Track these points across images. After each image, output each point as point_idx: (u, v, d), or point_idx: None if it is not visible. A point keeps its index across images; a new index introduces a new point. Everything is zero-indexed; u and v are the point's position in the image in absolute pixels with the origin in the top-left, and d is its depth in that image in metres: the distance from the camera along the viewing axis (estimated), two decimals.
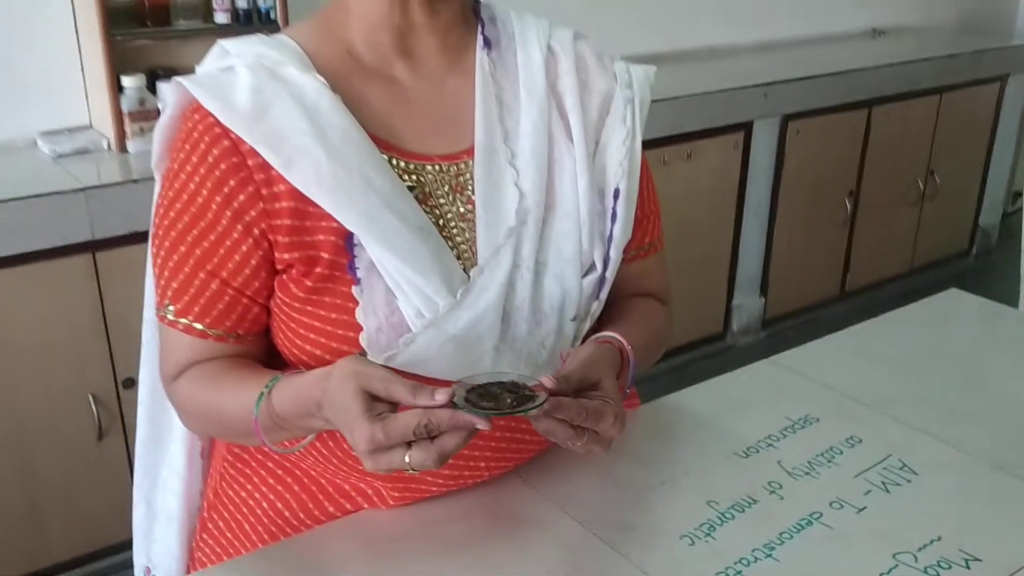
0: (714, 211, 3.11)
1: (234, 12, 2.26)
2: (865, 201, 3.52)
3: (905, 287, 3.69)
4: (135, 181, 2.04)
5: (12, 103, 2.24)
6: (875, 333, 1.35)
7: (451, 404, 0.76)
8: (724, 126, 2.99)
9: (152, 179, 2.07)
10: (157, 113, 2.19)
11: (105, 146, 2.22)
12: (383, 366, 0.83)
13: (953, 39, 4.01)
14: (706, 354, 3.23)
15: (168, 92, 0.93)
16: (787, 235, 3.32)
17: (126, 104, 2.17)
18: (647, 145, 2.89)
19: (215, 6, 2.25)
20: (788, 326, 3.44)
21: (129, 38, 2.17)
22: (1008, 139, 4.02)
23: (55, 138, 2.23)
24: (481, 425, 0.76)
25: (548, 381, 0.80)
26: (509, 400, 0.77)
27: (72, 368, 2.05)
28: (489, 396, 0.77)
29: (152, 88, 2.20)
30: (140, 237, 2.00)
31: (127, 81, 2.15)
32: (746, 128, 3.05)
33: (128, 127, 2.18)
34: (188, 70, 2.44)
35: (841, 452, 1.05)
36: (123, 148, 2.19)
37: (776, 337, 3.35)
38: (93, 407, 2.08)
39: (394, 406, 0.78)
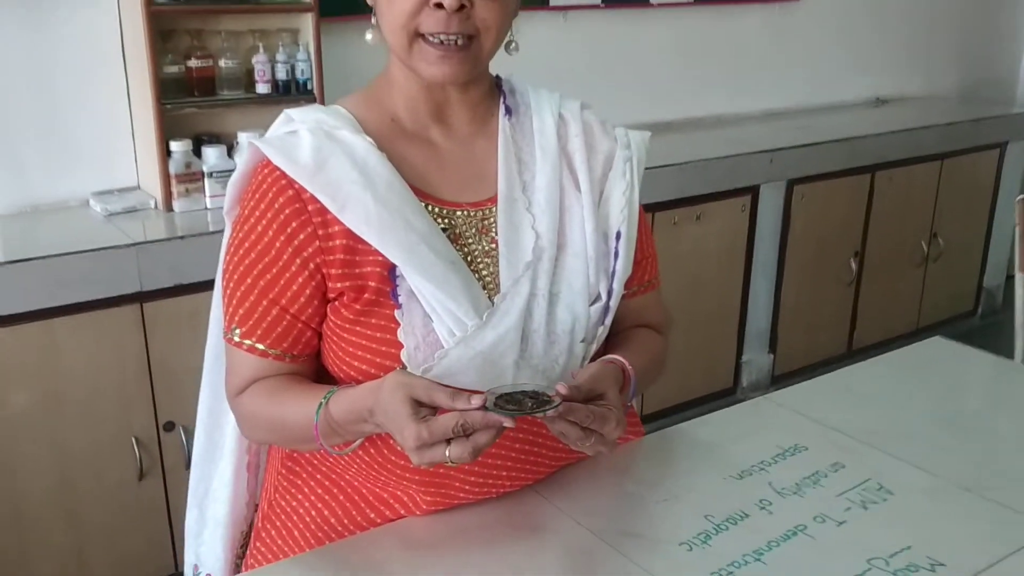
0: (723, 270, 3.25)
1: (274, 83, 2.44)
2: (870, 262, 3.65)
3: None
4: (181, 238, 2.20)
5: (68, 166, 2.42)
6: (862, 374, 1.48)
7: (483, 407, 0.90)
8: (731, 189, 3.14)
9: (196, 235, 2.24)
10: (201, 175, 2.36)
11: (152, 205, 2.39)
12: (424, 377, 0.97)
13: (954, 107, 4.18)
14: (716, 408, 3.32)
15: (243, 151, 1.09)
16: (795, 294, 3.45)
17: (173, 167, 2.34)
18: (658, 207, 3.05)
19: (257, 78, 2.43)
20: (797, 382, 3.53)
21: (178, 107, 2.35)
22: (1010, 203, 4.15)
23: (106, 198, 2.40)
24: (507, 423, 0.90)
25: (562, 388, 0.95)
26: (530, 404, 0.92)
27: (117, 411, 2.18)
28: (513, 401, 0.92)
29: (197, 152, 2.38)
30: (185, 289, 2.16)
31: (175, 146, 2.33)
32: (753, 191, 3.21)
33: (175, 188, 2.34)
34: (231, 136, 2.63)
35: (826, 475, 1.17)
36: (169, 207, 2.36)
37: None
38: (135, 449, 2.21)
39: (435, 410, 0.93)
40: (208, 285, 1.68)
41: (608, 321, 1.13)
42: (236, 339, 1.09)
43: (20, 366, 2.04)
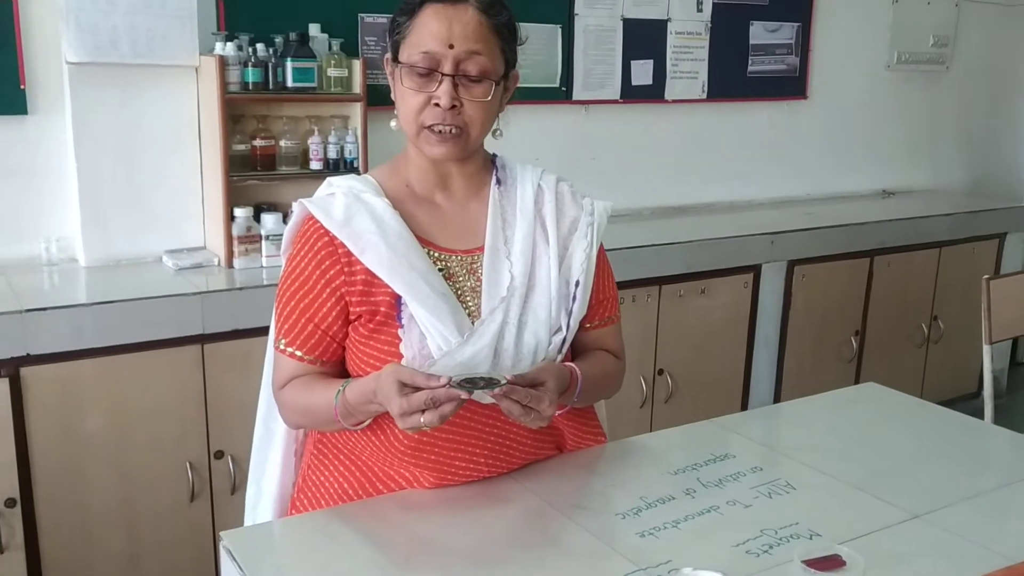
0: (727, 341, 3.52)
1: (326, 160, 2.83)
2: (871, 341, 3.89)
3: None
4: (239, 289, 2.56)
5: (146, 227, 2.80)
6: (799, 407, 1.76)
7: (448, 385, 1.21)
8: (734, 267, 3.44)
9: (252, 287, 2.60)
10: (259, 238, 2.73)
11: (216, 262, 2.75)
12: (408, 367, 1.28)
13: (957, 200, 4.45)
14: None
15: (295, 208, 1.44)
16: (796, 366, 3.70)
17: (236, 230, 2.71)
18: (665, 280, 3.41)
19: (311, 156, 2.82)
20: None
21: (242, 179, 2.74)
22: None
23: (177, 255, 2.78)
24: (463, 395, 1.21)
25: (509, 375, 1.26)
26: (481, 384, 1.23)
27: (175, 438, 2.50)
28: (471, 382, 1.23)
29: (257, 218, 2.75)
30: (241, 334, 2.51)
31: (238, 212, 2.70)
32: (755, 270, 3.50)
33: (236, 248, 2.71)
34: (287, 205, 3.06)
35: (745, 475, 1.45)
36: (231, 264, 2.72)
37: None
38: (189, 473, 2.52)
39: (416, 389, 1.23)
40: (261, 331, 2.03)
41: (565, 349, 1.44)
42: (282, 347, 1.42)
43: (97, 393, 2.38)
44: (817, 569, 1.15)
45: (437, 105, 1.35)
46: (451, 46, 1.34)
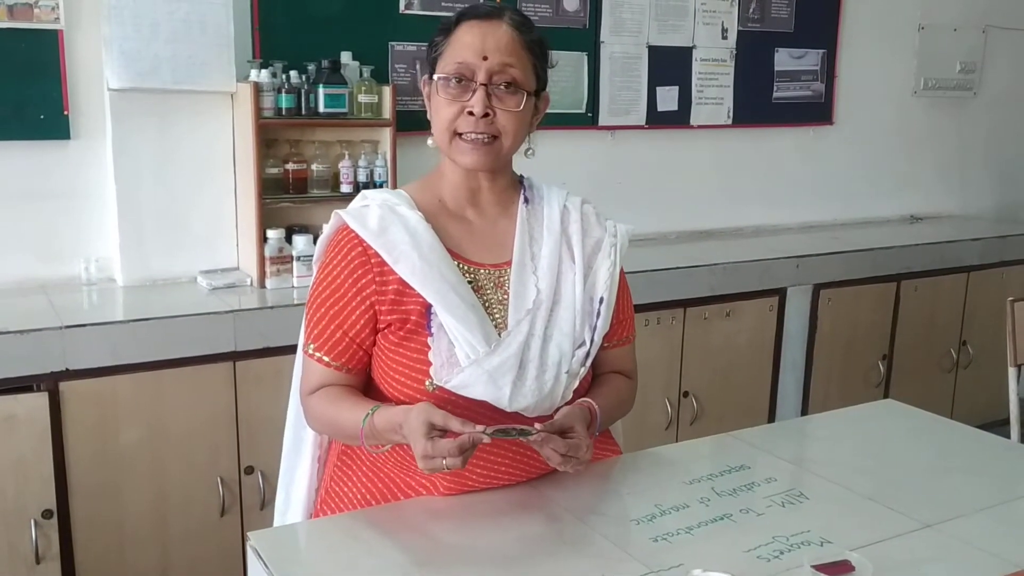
0: (753, 365, 3.53)
1: (356, 184, 2.90)
2: (899, 365, 3.88)
3: None
4: (271, 308, 2.62)
5: (181, 248, 2.88)
6: (818, 421, 1.79)
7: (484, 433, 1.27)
8: (760, 290, 3.46)
9: (284, 306, 2.66)
10: (291, 259, 2.80)
11: (249, 283, 2.83)
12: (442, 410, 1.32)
13: (986, 226, 4.43)
14: None
15: (331, 218, 1.50)
16: (823, 390, 3.70)
17: (268, 251, 2.78)
18: (690, 303, 3.47)
19: (342, 179, 2.89)
20: None
21: (275, 202, 2.81)
22: None
23: (211, 275, 2.85)
24: (486, 439, 1.27)
25: (539, 426, 1.32)
26: (514, 433, 1.30)
27: (207, 453, 2.56)
28: (503, 432, 1.30)
29: (289, 239, 2.82)
30: (271, 352, 2.57)
31: (271, 234, 2.78)
32: (780, 294, 3.52)
33: (268, 268, 2.78)
34: (317, 227, 3.14)
35: (759, 485, 1.48)
36: (263, 284, 2.79)
37: None
38: (219, 488, 2.58)
39: (444, 433, 1.28)
40: (291, 350, 2.12)
41: (588, 362, 1.49)
42: (310, 351, 1.48)
43: (132, 407, 2.45)
44: (826, 573, 1.18)
45: (471, 114, 1.41)
46: (485, 58, 1.41)
